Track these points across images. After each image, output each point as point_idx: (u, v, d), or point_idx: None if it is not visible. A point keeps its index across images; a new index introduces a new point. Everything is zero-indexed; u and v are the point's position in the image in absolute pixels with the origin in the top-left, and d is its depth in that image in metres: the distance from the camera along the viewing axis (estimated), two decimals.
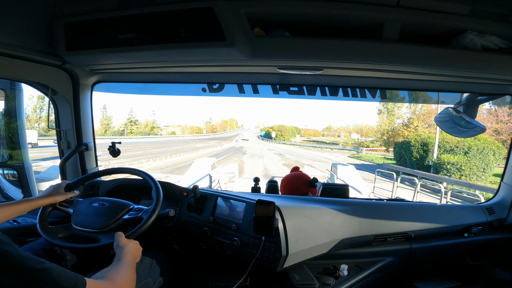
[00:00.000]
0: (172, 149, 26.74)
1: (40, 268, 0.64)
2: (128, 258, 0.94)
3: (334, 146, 42.83)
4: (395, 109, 27.47)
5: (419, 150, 16.43)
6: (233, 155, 24.55)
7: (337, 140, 51.98)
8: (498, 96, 1.68)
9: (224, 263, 1.40)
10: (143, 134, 48.06)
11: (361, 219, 1.51)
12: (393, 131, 27.90)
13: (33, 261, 0.65)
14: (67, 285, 0.66)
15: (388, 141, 28.99)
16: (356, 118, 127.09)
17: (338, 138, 54.18)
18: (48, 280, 0.64)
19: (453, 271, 1.73)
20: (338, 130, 64.89)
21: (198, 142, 38.37)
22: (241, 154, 26.20)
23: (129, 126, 48.88)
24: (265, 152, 29.33)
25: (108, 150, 1.77)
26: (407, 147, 17.54)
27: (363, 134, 48.80)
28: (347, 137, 51.20)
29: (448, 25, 1.21)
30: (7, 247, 0.63)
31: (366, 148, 35.84)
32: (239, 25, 1.15)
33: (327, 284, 1.34)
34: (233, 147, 33.94)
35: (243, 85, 1.79)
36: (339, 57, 1.24)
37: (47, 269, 0.66)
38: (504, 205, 1.81)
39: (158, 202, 1.25)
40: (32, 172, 1.86)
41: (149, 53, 1.28)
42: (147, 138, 43.93)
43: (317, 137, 62.52)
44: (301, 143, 49.18)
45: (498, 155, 13.66)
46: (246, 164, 18.14)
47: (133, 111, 57.63)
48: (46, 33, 1.30)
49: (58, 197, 1.28)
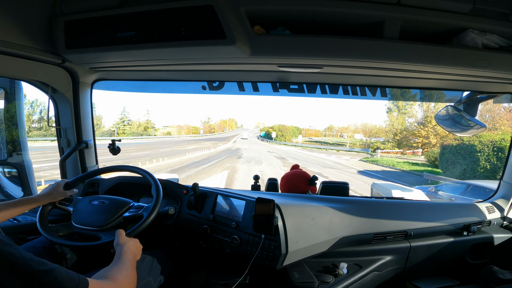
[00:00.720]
0: (157, 152, 24.03)
1: (42, 269, 0.65)
2: (128, 257, 0.94)
3: (340, 147, 40.64)
4: (407, 106, 26.12)
5: (491, 157, 12.48)
6: (225, 159, 21.02)
7: (341, 140, 50.52)
8: (499, 95, 1.68)
9: (224, 261, 1.41)
10: (136, 135, 46.98)
11: (360, 217, 1.51)
12: (407, 130, 26.38)
13: (35, 262, 0.65)
14: (70, 285, 0.67)
15: (401, 142, 26.94)
16: (359, 117, 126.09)
17: (341, 138, 53.05)
18: (51, 281, 0.64)
19: (452, 269, 1.73)
20: (340, 130, 64.49)
21: (192, 143, 36.63)
22: (235, 158, 22.59)
23: (121, 126, 48.01)
24: (264, 156, 25.97)
25: (108, 148, 1.78)
26: (468, 153, 13.59)
27: (369, 134, 47.09)
28: (350, 138, 49.84)
29: (448, 23, 1.21)
30: (10, 248, 0.63)
31: (381, 150, 30.26)
32: (239, 23, 1.15)
33: (327, 282, 1.35)
34: (228, 149, 30.92)
35: (243, 83, 1.79)
36: (339, 55, 1.24)
37: (50, 270, 0.66)
38: (503, 204, 1.81)
39: (158, 200, 1.25)
40: (32, 170, 1.86)
41: (149, 51, 1.28)
42: (138, 139, 42.38)
43: (319, 137, 61.91)
44: (303, 144, 47.70)
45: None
46: (239, 173, 14.46)
47: (126, 111, 57.00)
48: (45, 31, 1.30)
49: (57, 196, 1.29)
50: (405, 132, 26.75)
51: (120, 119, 48.48)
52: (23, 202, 1.17)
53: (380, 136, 39.26)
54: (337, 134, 61.75)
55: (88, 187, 1.72)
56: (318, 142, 50.86)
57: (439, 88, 1.68)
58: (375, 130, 46.35)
